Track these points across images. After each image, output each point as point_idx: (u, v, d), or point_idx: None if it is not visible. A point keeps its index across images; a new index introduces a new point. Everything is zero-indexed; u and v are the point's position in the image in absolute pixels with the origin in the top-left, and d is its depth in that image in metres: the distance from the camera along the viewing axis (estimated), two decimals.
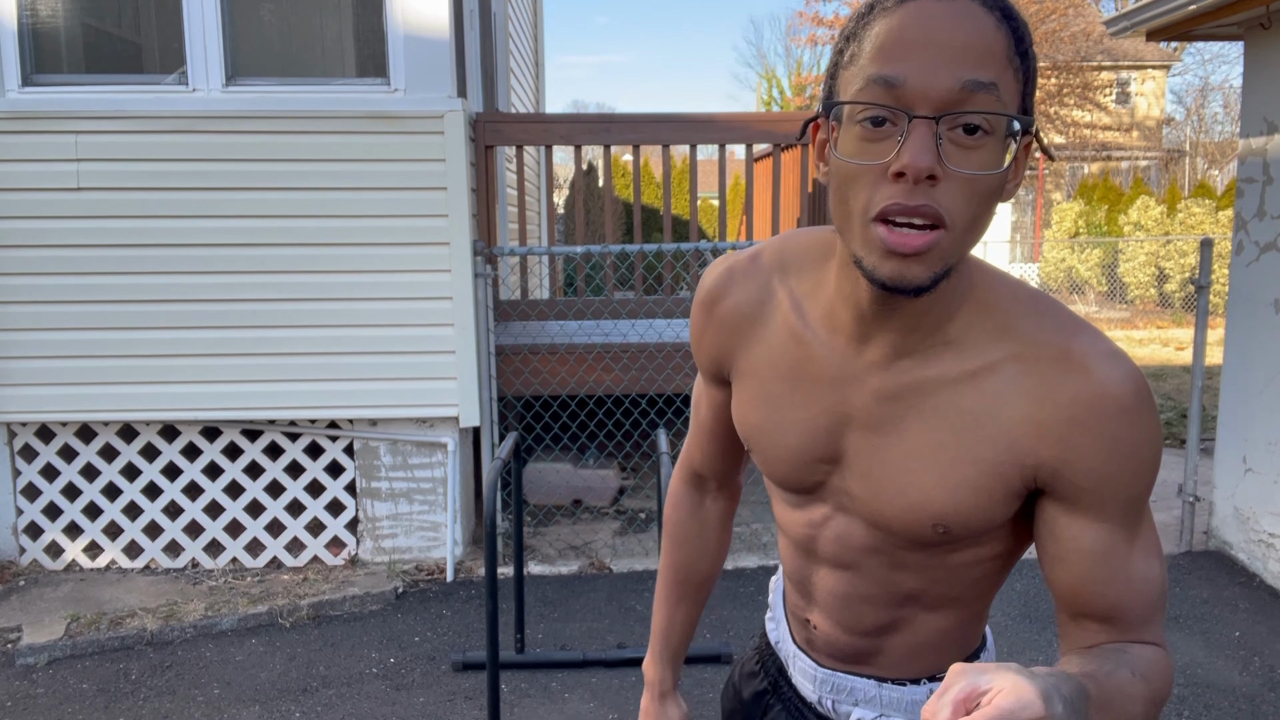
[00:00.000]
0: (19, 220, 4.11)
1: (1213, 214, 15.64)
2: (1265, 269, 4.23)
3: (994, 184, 0.81)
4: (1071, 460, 0.86)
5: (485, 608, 2.90)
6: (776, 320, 1.00)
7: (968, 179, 0.79)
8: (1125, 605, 0.90)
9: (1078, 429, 0.85)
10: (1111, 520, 0.88)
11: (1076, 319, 0.89)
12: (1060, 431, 0.85)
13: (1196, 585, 4.18)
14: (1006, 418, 0.87)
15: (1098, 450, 0.85)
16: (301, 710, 3.23)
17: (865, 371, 0.93)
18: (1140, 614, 0.90)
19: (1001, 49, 0.79)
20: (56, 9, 4.16)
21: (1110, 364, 0.85)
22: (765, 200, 6.46)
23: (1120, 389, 0.84)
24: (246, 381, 4.23)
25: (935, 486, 0.91)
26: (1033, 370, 0.86)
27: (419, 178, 4.17)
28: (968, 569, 0.98)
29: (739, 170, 19.29)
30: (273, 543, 4.45)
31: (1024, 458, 0.87)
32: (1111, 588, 0.89)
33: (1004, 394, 0.87)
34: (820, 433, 0.97)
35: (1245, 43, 4.37)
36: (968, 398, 0.89)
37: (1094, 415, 0.84)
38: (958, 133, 0.78)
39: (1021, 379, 0.87)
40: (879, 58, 0.79)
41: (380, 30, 4.17)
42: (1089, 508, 0.87)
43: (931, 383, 0.90)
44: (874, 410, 0.93)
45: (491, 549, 2.88)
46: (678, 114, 4.72)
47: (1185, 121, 33.43)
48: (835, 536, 1.02)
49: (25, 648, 3.60)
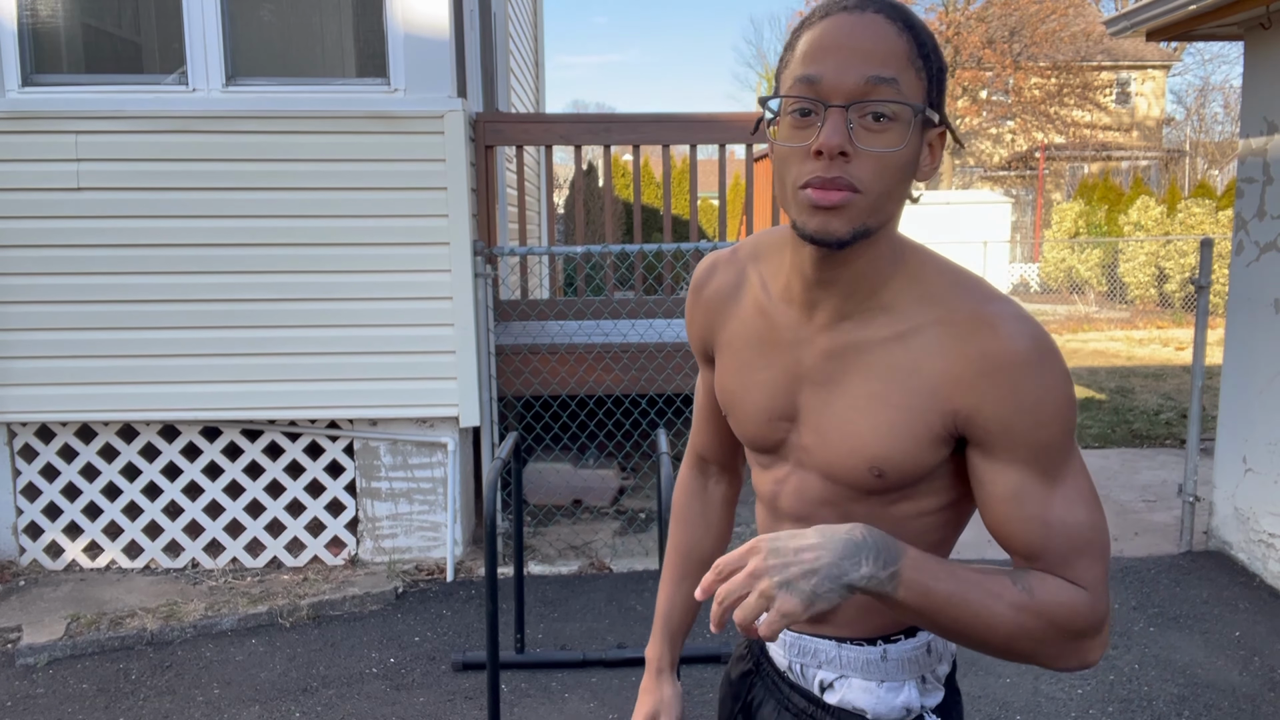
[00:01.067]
0: (19, 220, 4.11)
1: (1213, 214, 15.64)
2: (1265, 269, 4.23)
3: (900, 161, 0.97)
4: (981, 407, 0.98)
5: (485, 608, 2.90)
6: (748, 298, 1.16)
7: (876, 156, 0.95)
8: (1041, 545, 0.99)
9: (986, 380, 0.97)
10: (1022, 464, 0.98)
11: (992, 290, 1.02)
12: (972, 382, 0.98)
13: (1196, 585, 4.18)
14: (929, 371, 1.00)
15: (1003, 398, 0.97)
16: (301, 710, 3.23)
17: (814, 334, 1.07)
18: (1059, 554, 0.99)
19: (902, 52, 0.96)
20: (56, 9, 4.16)
21: (1016, 325, 0.97)
22: (765, 200, 6.46)
23: (1023, 345, 0.97)
24: (246, 381, 4.23)
25: (870, 432, 1.03)
26: (951, 331, 1.00)
27: (419, 178, 4.17)
28: (911, 521, 1.07)
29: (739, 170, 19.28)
30: (273, 543, 4.46)
31: (944, 405, 0.99)
32: (1028, 528, 0.99)
33: (927, 351, 1.01)
34: (780, 391, 1.11)
35: (1245, 43, 4.37)
36: (897, 355, 1.02)
37: (999, 368, 0.97)
38: (867, 119, 0.95)
39: (942, 338, 1.00)
40: (803, 61, 0.97)
41: (380, 30, 4.17)
42: (1001, 452, 0.99)
43: (868, 342, 1.04)
44: (821, 368, 1.07)
45: (491, 549, 2.88)
46: (678, 114, 4.72)
47: (1185, 121, 33.43)
48: (794, 491, 1.14)
49: (25, 648, 3.61)
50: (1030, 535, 1.00)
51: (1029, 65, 24.96)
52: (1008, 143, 27.09)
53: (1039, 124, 26.47)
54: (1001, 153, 27.14)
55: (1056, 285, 18.64)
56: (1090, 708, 3.17)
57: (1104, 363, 10.73)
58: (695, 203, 4.79)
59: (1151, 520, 5.07)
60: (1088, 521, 1.00)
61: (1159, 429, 7.21)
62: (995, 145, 27.43)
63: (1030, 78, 25.35)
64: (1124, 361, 10.81)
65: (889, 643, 1.13)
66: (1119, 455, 6.46)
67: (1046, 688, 3.31)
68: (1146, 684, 3.33)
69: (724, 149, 5.38)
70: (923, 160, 1.01)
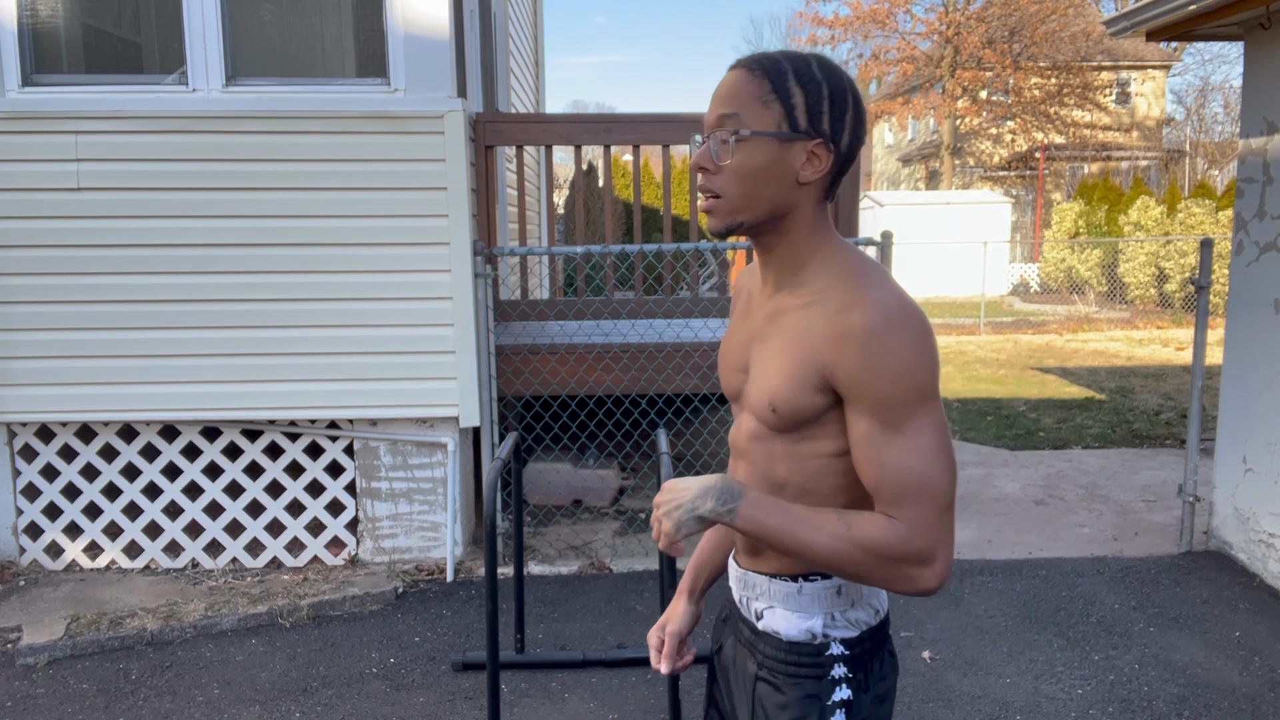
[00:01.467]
0: (19, 220, 4.11)
1: (1213, 214, 15.63)
2: (1265, 269, 4.23)
3: (750, 170, 1.27)
4: (839, 365, 1.24)
5: (485, 608, 2.90)
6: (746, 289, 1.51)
7: (728, 168, 1.28)
8: (877, 484, 1.24)
9: (843, 344, 1.23)
10: (869, 414, 1.23)
11: (875, 279, 1.27)
12: (835, 345, 1.24)
13: (1196, 585, 4.18)
14: (814, 333, 1.27)
15: (853, 359, 1.22)
16: (301, 710, 3.23)
17: (764, 302, 1.40)
18: (891, 493, 1.23)
19: (750, 93, 1.27)
20: (56, 9, 4.16)
21: (873, 305, 1.23)
22: None
23: (874, 319, 1.22)
24: (246, 381, 4.23)
25: (774, 376, 1.31)
26: (831, 305, 1.27)
27: (419, 178, 4.17)
28: (813, 461, 1.33)
29: None
30: (273, 543, 4.46)
31: (819, 360, 1.26)
32: (869, 468, 1.25)
33: (815, 318, 1.28)
34: (742, 347, 1.43)
35: (1245, 43, 4.37)
36: (801, 319, 1.30)
37: (851, 336, 1.22)
38: (724, 145, 1.28)
39: (825, 310, 1.27)
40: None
41: (380, 30, 4.17)
42: (854, 403, 1.25)
43: (788, 308, 1.33)
44: (763, 328, 1.38)
45: (491, 549, 2.88)
46: (678, 114, 4.72)
47: (1185, 121, 33.42)
48: (741, 430, 1.43)
49: (25, 648, 3.61)
50: (870, 474, 1.25)
51: (1029, 65, 24.96)
52: (1008, 143, 27.09)
53: (1039, 124, 26.47)
54: (1001, 153, 27.13)
55: (1056, 285, 18.64)
56: (1090, 708, 3.17)
57: (1104, 363, 10.73)
58: (695, 203, 4.79)
59: (1151, 520, 5.07)
60: (919, 470, 1.22)
61: (1159, 429, 7.21)
62: (995, 145, 27.43)
63: (1030, 78, 25.35)
64: (1124, 361, 10.81)
65: (807, 581, 1.37)
66: (1119, 455, 6.46)
67: (1047, 688, 3.31)
68: (1146, 684, 3.33)
69: None
70: (801, 166, 1.29)
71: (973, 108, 25.65)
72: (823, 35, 25.90)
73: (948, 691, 3.29)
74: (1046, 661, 3.50)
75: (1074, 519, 5.13)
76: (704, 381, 4.65)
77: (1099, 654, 3.56)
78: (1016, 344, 12.54)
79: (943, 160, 26.57)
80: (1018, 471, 6.09)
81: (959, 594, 4.12)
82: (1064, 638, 3.69)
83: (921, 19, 25.86)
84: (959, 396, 8.68)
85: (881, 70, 27.07)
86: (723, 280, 7.11)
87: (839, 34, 25.73)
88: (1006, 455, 6.51)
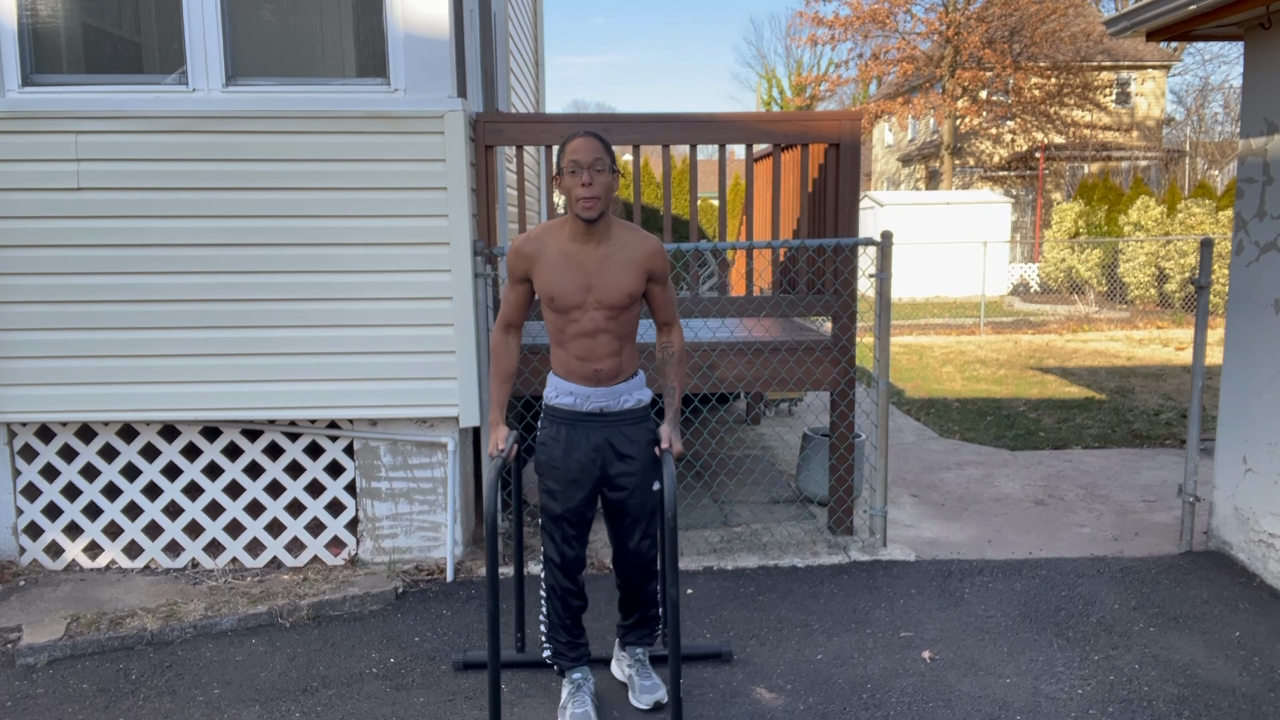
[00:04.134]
0: (19, 220, 4.11)
1: (1213, 214, 15.63)
2: (1265, 269, 4.23)
3: (607, 184, 2.85)
4: (653, 265, 2.97)
5: (486, 607, 2.91)
6: (552, 249, 2.92)
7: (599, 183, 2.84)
8: (667, 314, 3.09)
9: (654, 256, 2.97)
10: (662, 282, 3.02)
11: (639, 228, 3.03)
12: (650, 256, 2.96)
13: (1196, 585, 4.18)
14: (637, 256, 2.94)
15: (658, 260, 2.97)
16: (301, 710, 3.23)
17: (591, 252, 2.92)
18: (669, 315, 3.09)
19: (602, 149, 2.85)
20: (56, 9, 4.16)
21: (656, 239, 2.98)
22: (765, 200, 6.46)
23: (660, 243, 2.97)
24: (246, 381, 4.23)
25: (627, 282, 2.92)
26: (639, 241, 2.95)
27: (419, 178, 4.17)
28: (630, 320, 3.00)
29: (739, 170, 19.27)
30: (273, 543, 4.46)
31: (643, 266, 2.94)
32: (664, 308, 3.08)
33: (634, 249, 2.94)
34: (582, 277, 2.90)
35: (1245, 43, 4.37)
36: (625, 252, 2.93)
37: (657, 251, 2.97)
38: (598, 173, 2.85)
39: (639, 243, 2.95)
40: (570, 154, 2.84)
41: (380, 30, 4.17)
42: (656, 281, 3.01)
43: (614, 250, 2.93)
44: (599, 265, 2.91)
45: (493, 548, 2.88)
46: (678, 114, 4.72)
47: (1185, 121, 33.42)
48: (589, 319, 2.93)
49: (25, 648, 3.61)
50: (665, 312, 3.08)
51: (1029, 65, 24.94)
52: (1008, 143, 27.09)
53: (1039, 124, 26.46)
54: (1001, 153, 27.13)
55: (1056, 285, 18.64)
56: (1090, 708, 3.17)
57: (1104, 363, 10.73)
58: (695, 203, 4.79)
59: (1151, 520, 5.07)
60: (674, 299, 3.10)
61: (1159, 429, 7.21)
62: (995, 145, 27.42)
63: (1030, 78, 25.34)
64: (1124, 361, 10.81)
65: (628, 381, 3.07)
66: (1119, 455, 6.46)
67: (1047, 688, 3.31)
68: (1146, 684, 3.33)
69: (724, 149, 5.38)
70: (614, 186, 2.87)
71: (973, 108, 25.63)
72: (823, 35, 25.88)
73: (948, 691, 3.29)
74: (1046, 661, 3.50)
75: (1074, 519, 5.13)
76: (704, 381, 4.66)
77: (1099, 654, 3.56)
78: (1016, 344, 12.54)
79: (943, 160, 26.57)
80: (1018, 471, 6.09)
81: (959, 594, 4.12)
82: (1064, 638, 3.69)
83: (921, 19, 25.84)
84: (959, 396, 8.69)
85: (881, 70, 27.05)
86: (723, 280, 7.11)
87: (839, 34, 25.70)
88: (1006, 455, 6.51)
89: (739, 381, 4.70)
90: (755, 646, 3.64)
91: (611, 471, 3.02)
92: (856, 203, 4.68)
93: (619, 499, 3.05)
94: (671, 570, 2.83)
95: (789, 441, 6.87)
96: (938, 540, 4.81)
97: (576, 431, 3.00)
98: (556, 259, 2.89)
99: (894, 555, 4.56)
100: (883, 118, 28.42)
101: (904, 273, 18.18)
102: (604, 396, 2.99)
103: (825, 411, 7.39)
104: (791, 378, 4.69)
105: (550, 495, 3.04)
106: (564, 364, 3.00)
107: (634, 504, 3.05)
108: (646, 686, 3.21)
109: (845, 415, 4.75)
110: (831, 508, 4.85)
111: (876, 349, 4.61)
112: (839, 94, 34.11)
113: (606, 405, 2.99)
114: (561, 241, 2.90)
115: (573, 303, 2.89)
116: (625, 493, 3.04)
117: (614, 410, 3.00)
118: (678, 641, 2.83)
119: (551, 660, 3.21)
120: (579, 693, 3.13)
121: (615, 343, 2.96)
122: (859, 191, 4.69)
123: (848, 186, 4.65)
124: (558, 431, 3.03)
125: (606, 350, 2.95)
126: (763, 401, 7.67)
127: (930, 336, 13.47)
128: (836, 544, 4.69)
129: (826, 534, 4.85)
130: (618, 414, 3.01)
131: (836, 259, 4.68)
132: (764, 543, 4.72)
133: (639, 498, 3.04)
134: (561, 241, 2.90)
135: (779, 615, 3.91)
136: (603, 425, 3.00)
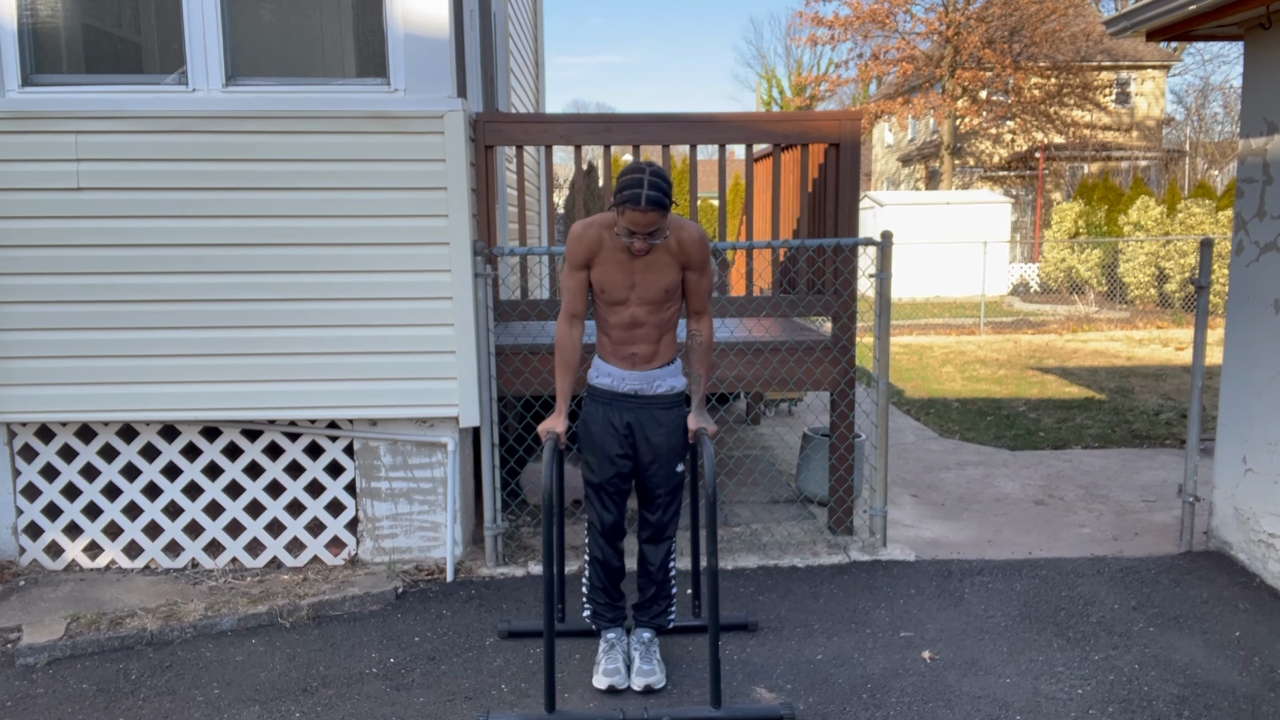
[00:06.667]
0: (19, 220, 4.11)
1: (1213, 214, 15.63)
2: (1265, 269, 4.23)
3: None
4: (688, 254, 3.20)
5: (543, 577, 3.35)
6: (608, 242, 3.17)
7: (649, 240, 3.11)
8: (699, 304, 3.30)
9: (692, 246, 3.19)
10: (699, 270, 3.23)
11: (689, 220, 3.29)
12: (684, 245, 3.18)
13: (1196, 585, 4.18)
14: (674, 247, 3.17)
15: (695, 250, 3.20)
16: (301, 710, 3.23)
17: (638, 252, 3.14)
18: (704, 303, 3.30)
19: (660, 217, 3.03)
20: (56, 9, 4.16)
21: (696, 228, 3.20)
22: (765, 200, 6.46)
23: (700, 232, 3.21)
24: (246, 381, 4.23)
25: (665, 278, 3.18)
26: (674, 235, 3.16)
27: (419, 178, 4.17)
28: (670, 312, 3.26)
29: (739, 170, 19.27)
30: (273, 543, 4.46)
31: (678, 257, 3.19)
32: (698, 298, 3.28)
33: (671, 243, 3.16)
34: (628, 275, 3.17)
35: (1245, 43, 4.37)
36: (665, 249, 3.16)
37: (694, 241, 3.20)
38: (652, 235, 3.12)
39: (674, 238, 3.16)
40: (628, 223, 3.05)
41: (380, 30, 4.17)
42: (694, 270, 3.23)
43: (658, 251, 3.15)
44: (644, 265, 3.16)
45: (548, 520, 3.13)
46: (678, 114, 4.72)
47: (1185, 121, 33.43)
48: (630, 313, 3.20)
49: (25, 648, 3.61)
50: (698, 300, 3.29)
51: (1029, 65, 24.94)
52: (1008, 143, 27.08)
53: (1039, 124, 26.46)
54: (1001, 153, 27.13)
55: (1056, 285, 18.64)
56: (1090, 708, 3.17)
57: (1104, 363, 10.73)
58: (695, 203, 4.79)
59: (1151, 520, 5.07)
60: (710, 290, 3.28)
61: (1159, 429, 7.21)
62: (995, 145, 27.42)
63: (1030, 78, 25.34)
64: (1124, 361, 10.82)
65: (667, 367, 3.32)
66: (1119, 455, 6.46)
67: (1047, 688, 3.31)
68: (1146, 684, 3.33)
69: (724, 149, 5.38)
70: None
71: (973, 108, 25.63)
72: (822, 35, 25.89)
73: (948, 691, 3.29)
74: (1046, 661, 3.51)
75: (1074, 519, 5.13)
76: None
77: (1099, 654, 3.56)
78: (1016, 344, 12.54)
79: (943, 160, 26.57)
80: (1018, 471, 6.09)
81: (959, 594, 4.12)
82: (1064, 638, 3.69)
83: (921, 19, 25.84)
84: (959, 396, 8.69)
85: (881, 70, 27.05)
86: (723, 280, 7.11)
87: (839, 34, 25.70)
88: (1006, 455, 6.51)
89: (739, 381, 4.70)
90: (755, 646, 3.64)
91: (640, 450, 3.30)
92: (856, 203, 4.68)
93: (645, 475, 3.33)
94: (710, 541, 3.10)
95: (789, 441, 6.87)
96: (938, 540, 4.81)
97: (611, 410, 3.28)
98: (610, 255, 3.16)
99: (894, 555, 4.56)
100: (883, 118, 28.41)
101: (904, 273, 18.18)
102: (638, 380, 3.26)
103: (825, 411, 7.39)
104: (791, 378, 4.69)
105: (589, 467, 3.35)
106: (606, 347, 3.28)
107: (657, 481, 3.33)
108: (644, 670, 3.33)
109: (845, 415, 4.75)
110: (831, 508, 4.85)
111: (876, 349, 4.61)
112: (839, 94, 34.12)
113: (640, 388, 3.26)
114: (616, 239, 3.14)
115: (619, 298, 3.17)
116: (651, 470, 3.31)
117: (647, 394, 3.27)
118: (715, 609, 3.06)
119: (591, 620, 3.50)
120: (612, 650, 3.40)
121: (654, 332, 3.23)
122: (859, 191, 4.70)
123: (848, 186, 4.65)
124: (595, 409, 3.31)
125: (644, 339, 3.23)
126: (763, 401, 7.67)
127: (930, 336, 13.47)
128: (836, 544, 4.70)
129: (826, 534, 4.85)
130: (650, 398, 3.27)
131: (836, 259, 4.68)
132: (764, 543, 4.72)
133: (662, 476, 3.32)
134: (616, 239, 3.14)
135: (779, 615, 3.91)
136: (635, 407, 3.27)
